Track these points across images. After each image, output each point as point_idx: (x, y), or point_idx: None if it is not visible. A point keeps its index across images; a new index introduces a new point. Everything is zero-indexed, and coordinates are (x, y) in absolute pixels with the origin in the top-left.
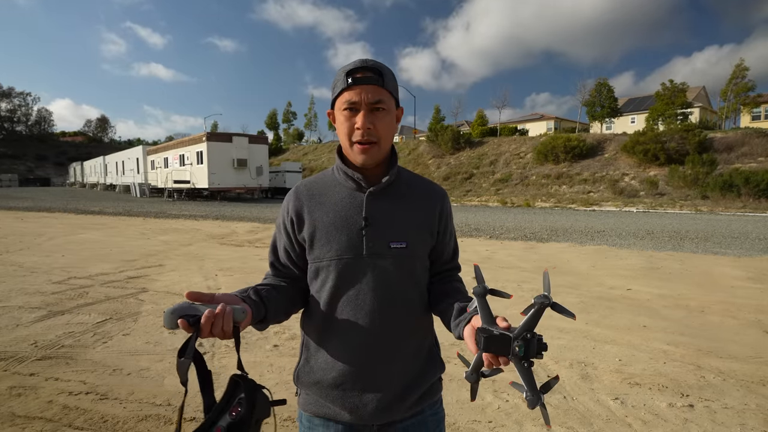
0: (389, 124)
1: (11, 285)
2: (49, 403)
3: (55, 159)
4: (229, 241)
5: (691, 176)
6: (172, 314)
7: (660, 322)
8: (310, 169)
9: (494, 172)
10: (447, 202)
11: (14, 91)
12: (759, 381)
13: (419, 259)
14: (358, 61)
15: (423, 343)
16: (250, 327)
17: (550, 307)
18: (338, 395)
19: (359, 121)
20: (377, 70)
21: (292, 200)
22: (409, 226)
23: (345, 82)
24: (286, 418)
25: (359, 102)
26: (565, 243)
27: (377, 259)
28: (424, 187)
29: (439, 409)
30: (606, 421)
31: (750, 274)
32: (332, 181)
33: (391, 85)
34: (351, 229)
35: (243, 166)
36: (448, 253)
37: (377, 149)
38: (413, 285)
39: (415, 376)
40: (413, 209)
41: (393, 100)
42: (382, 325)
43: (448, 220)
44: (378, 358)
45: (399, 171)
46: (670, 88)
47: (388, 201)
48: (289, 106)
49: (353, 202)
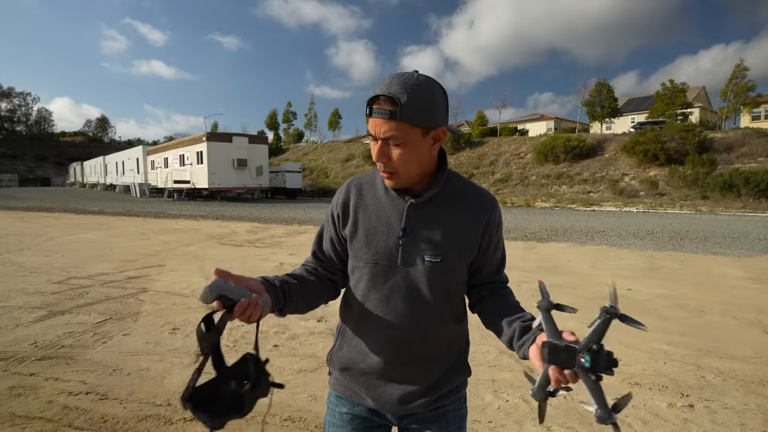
0: (405, 155)
1: (11, 285)
2: (49, 403)
3: (55, 159)
4: (229, 241)
5: (691, 176)
6: (210, 291)
7: (660, 322)
8: (310, 169)
9: (494, 172)
10: (497, 212)
11: (14, 91)
12: (759, 381)
13: (454, 273)
14: (383, 86)
15: (450, 350)
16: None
17: (618, 318)
18: (365, 382)
19: (374, 154)
20: (394, 101)
21: (342, 194)
22: (447, 242)
23: (367, 110)
24: (286, 418)
25: (375, 135)
26: (565, 243)
27: (410, 270)
28: (473, 198)
29: (461, 405)
30: None
31: (750, 274)
32: (381, 183)
33: (411, 114)
34: (389, 237)
35: (243, 166)
36: (493, 265)
37: (398, 178)
38: (445, 297)
39: (438, 379)
40: (455, 223)
41: (416, 129)
42: (410, 331)
43: (493, 232)
44: (404, 359)
45: (450, 180)
46: (671, 88)
47: (430, 213)
48: (289, 106)
49: (395, 209)
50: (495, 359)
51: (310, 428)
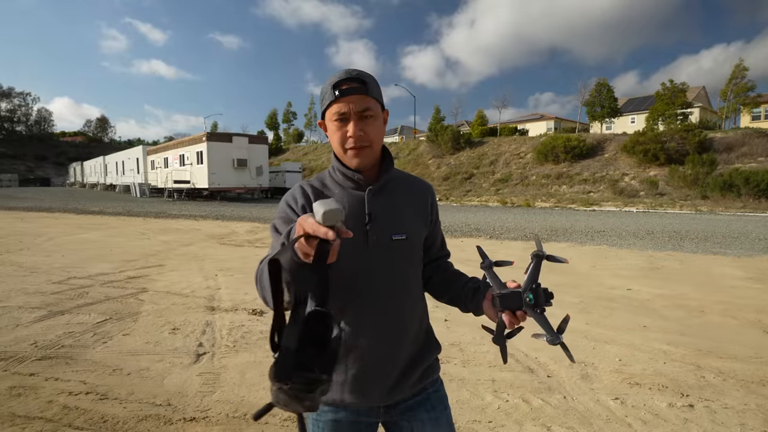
0: (378, 128)
1: (11, 285)
2: (49, 403)
3: (55, 159)
4: (229, 241)
5: (691, 176)
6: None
7: (660, 322)
8: (310, 169)
9: (494, 172)
10: (434, 194)
11: (14, 91)
12: (759, 381)
13: (417, 248)
14: (342, 73)
15: (422, 325)
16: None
17: (545, 258)
18: (349, 380)
19: (351, 130)
20: (361, 80)
21: (300, 193)
22: (407, 219)
23: (333, 95)
24: (286, 418)
25: (348, 112)
26: (565, 243)
27: (381, 251)
28: (414, 183)
29: (440, 387)
30: (606, 421)
31: (750, 274)
32: (331, 182)
33: (376, 92)
34: (356, 225)
35: (243, 166)
36: (439, 240)
37: (370, 151)
38: (413, 272)
39: (415, 357)
40: (409, 203)
41: (379, 105)
42: (388, 311)
43: (436, 210)
44: (384, 342)
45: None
46: (670, 88)
47: (387, 197)
48: (289, 106)
49: (355, 200)
50: (495, 359)
51: (309, 428)
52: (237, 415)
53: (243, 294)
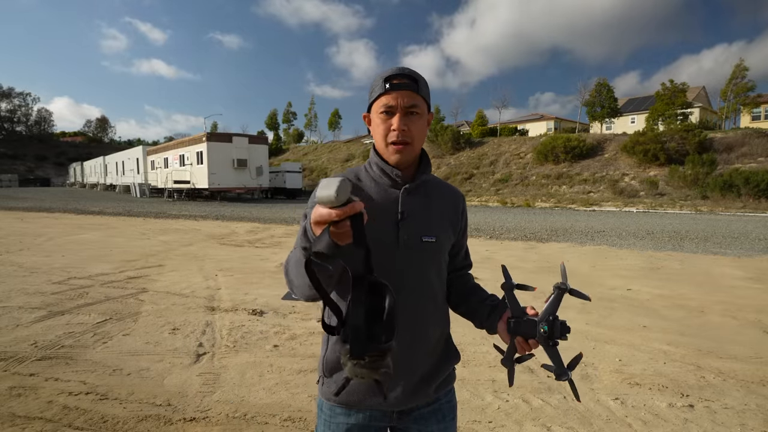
0: (422, 127)
1: (11, 285)
2: (49, 403)
3: (55, 159)
4: (229, 241)
5: (691, 176)
6: (349, 185)
7: (660, 322)
8: (310, 170)
9: (494, 172)
10: (465, 203)
11: (14, 91)
12: (759, 381)
13: (444, 253)
14: (395, 68)
15: (443, 331)
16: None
17: (568, 292)
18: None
19: (395, 123)
20: (413, 77)
21: None
22: (439, 222)
23: (383, 87)
24: (286, 418)
25: (396, 106)
26: (565, 243)
27: (409, 251)
28: (447, 188)
29: (452, 397)
30: (606, 421)
31: (750, 274)
32: (366, 177)
33: (425, 92)
34: (387, 222)
35: (243, 167)
36: (464, 249)
37: (410, 149)
38: (438, 277)
39: (435, 364)
40: (441, 207)
41: (426, 105)
42: (410, 314)
43: (466, 218)
44: (405, 345)
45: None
46: (671, 88)
47: (421, 198)
48: (289, 107)
49: (389, 197)
50: (495, 359)
51: (310, 428)
52: (237, 416)
53: (243, 294)
